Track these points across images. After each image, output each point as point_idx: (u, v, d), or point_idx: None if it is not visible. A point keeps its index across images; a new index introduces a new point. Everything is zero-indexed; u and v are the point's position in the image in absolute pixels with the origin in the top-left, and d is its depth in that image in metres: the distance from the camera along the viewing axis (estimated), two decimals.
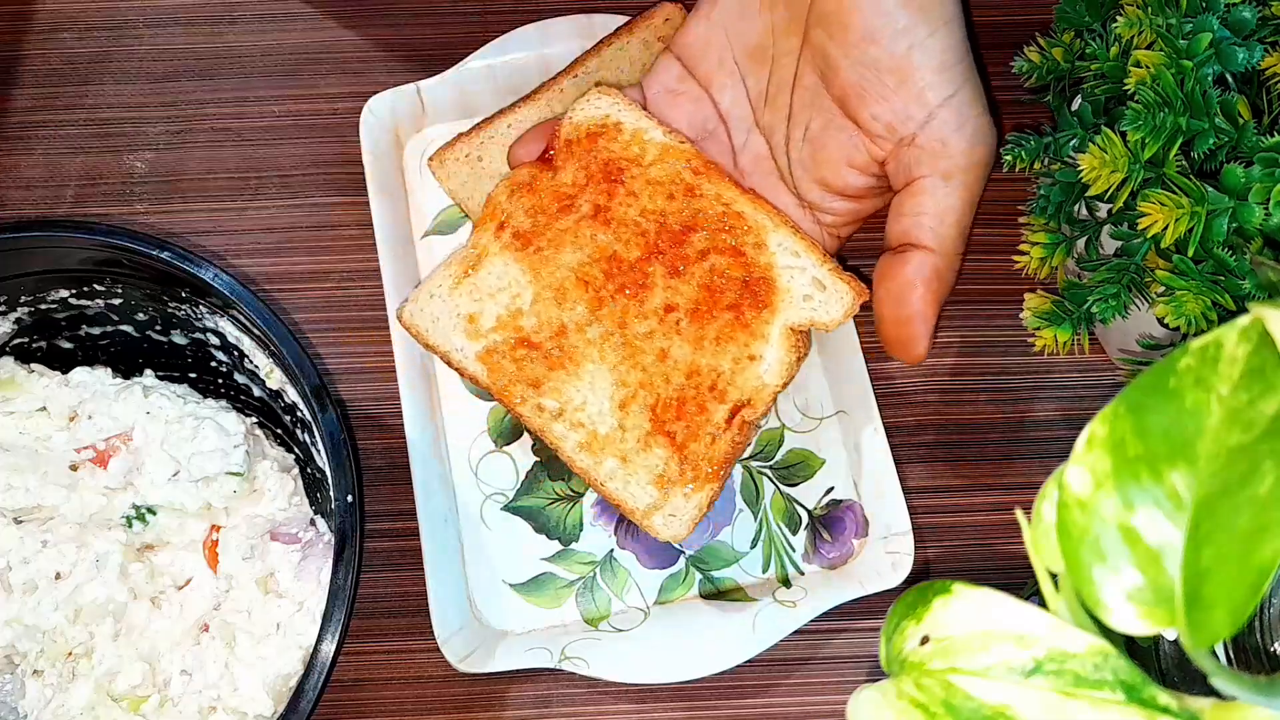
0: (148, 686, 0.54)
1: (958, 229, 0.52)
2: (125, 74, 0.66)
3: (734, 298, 0.54)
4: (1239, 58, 0.44)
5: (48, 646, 0.54)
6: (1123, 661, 0.33)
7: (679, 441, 0.53)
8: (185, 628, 0.54)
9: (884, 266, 0.52)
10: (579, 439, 0.54)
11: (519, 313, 0.55)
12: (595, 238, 0.55)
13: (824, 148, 0.53)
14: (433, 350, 0.55)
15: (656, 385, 0.53)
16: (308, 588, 0.55)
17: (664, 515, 0.53)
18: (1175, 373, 0.34)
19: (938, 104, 0.50)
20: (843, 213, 0.55)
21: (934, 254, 0.51)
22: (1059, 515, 0.35)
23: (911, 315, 0.51)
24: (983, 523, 0.59)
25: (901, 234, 0.52)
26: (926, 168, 0.51)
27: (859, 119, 0.52)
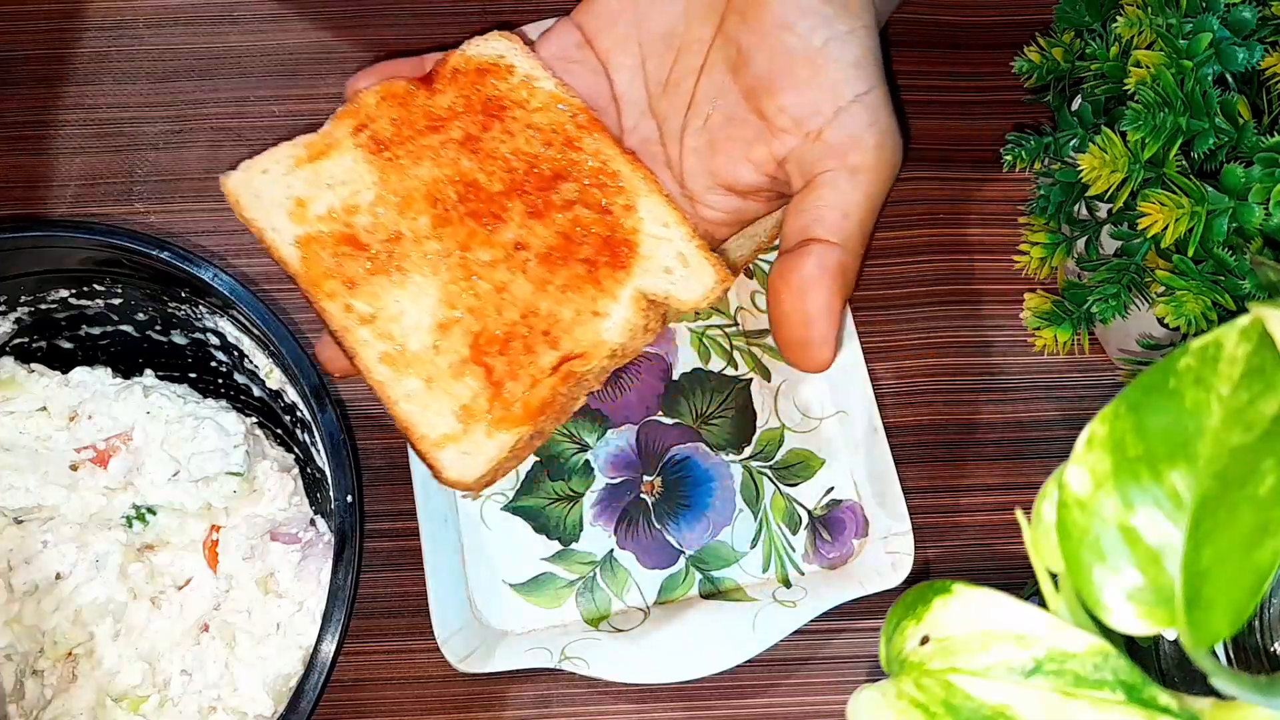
0: (147, 686, 0.54)
1: (861, 226, 0.49)
2: (125, 74, 0.66)
3: (591, 253, 0.51)
4: (1239, 58, 0.44)
5: (48, 647, 0.53)
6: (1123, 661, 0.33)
7: (496, 377, 0.49)
8: (185, 628, 0.54)
9: (781, 264, 0.49)
10: (383, 349, 0.50)
11: (355, 209, 0.51)
12: (459, 161, 0.52)
13: (723, 139, 0.51)
14: (247, 224, 0.52)
15: (487, 315, 0.50)
16: (308, 587, 0.55)
17: (459, 450, 0.49)
18: (1175, 373, 0.34)
19: (850, 99, 0.48)
20: (727, 210, 0.52)
21: (838, 248, 0.48)
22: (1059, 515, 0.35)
23: (815, 314, 0.48)
24: (983, 523, 0.59)
25: (801, 230, 0.49)
26: (832, 162, 0.49)
27: (765, 111, 0.49)
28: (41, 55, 0.67)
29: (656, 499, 0.59)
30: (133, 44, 0.67)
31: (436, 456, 0.48)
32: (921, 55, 0.66)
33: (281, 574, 0.55)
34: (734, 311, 0.62)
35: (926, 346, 0.62)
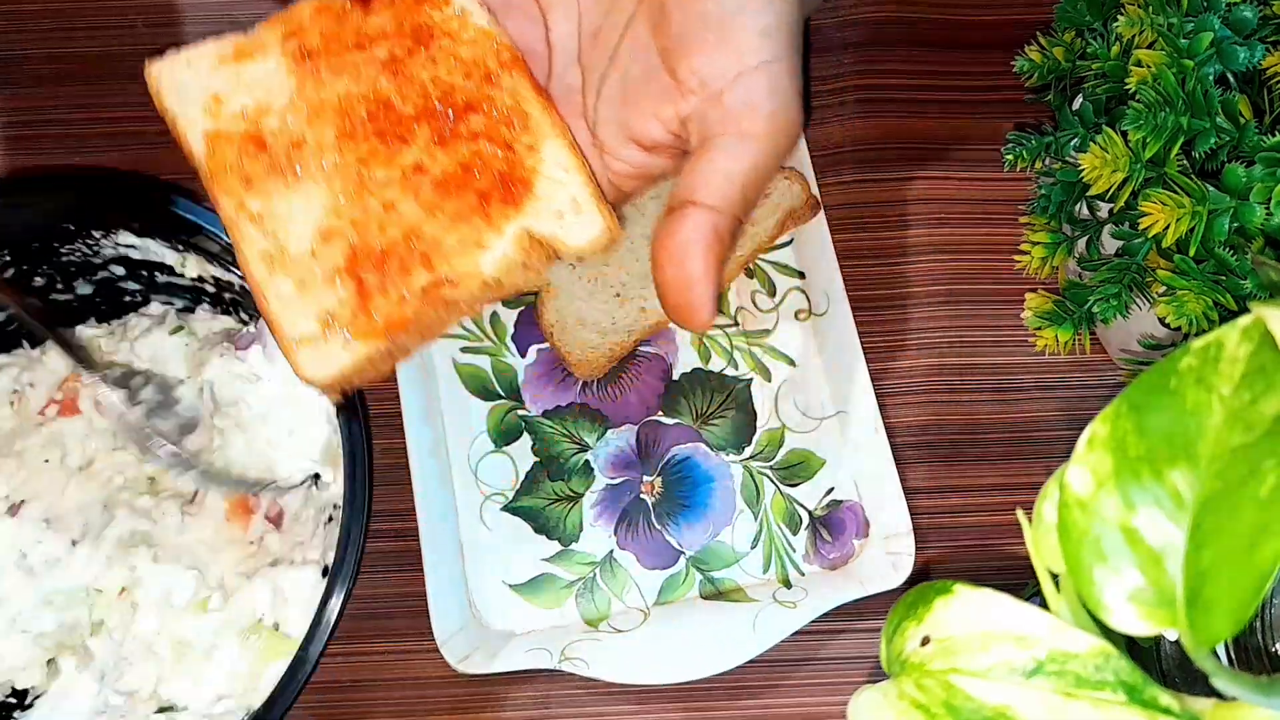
0: (204, 589, 0.56)
1: (742, 191, 0.50)
2: (125, 74, 0.66)
3: (486, 186, 0.52)
4: (1240, 57, 0.44)
5: (96, 600, 0.55)
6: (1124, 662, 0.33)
7: (366, 289, 0.50)
8: (217, 523, 0.57)
9: (661, 228, 0.50)
10: (265, 247, 0.51)
11: (266, 111, 0.52)
12: (377, 81, 0.53)
13: (636, 93, 0.52)
14: (164, 112, 0.53)
15: (370, 230, 0.51)
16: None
17: (314, 351, 0.50)
18: (1176, 373, 0.34)
19: (754, 65, 0.49)
20: (633, 164, 0.53)
21: (714, 212, 0.49)
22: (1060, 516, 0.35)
23: (692, 278, 0.49)
24: (984, 523, 0.59)
25: (687, 190, 0.50)
26: (727, 126, 0.49)
27: (677, 71, 0.50)
28: (42, 55, 0.67)
29: (657, 499, 0.59)
30: (133, 44, 0.67)
31: (294, 354, 0.50)
32: (922, 55, 0.66)
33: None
34: (734, 312, 0.62)
35: (927, 346, 0.62)
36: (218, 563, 0.57)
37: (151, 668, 0.55)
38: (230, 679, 0.55)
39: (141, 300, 0.61)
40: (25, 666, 0.55)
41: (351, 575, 0.51)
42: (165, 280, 0.60)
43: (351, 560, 0.51)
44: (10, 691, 0.55)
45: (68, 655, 0.55)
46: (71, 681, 0.55)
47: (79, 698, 0.55)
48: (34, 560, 0.56)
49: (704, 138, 0.50)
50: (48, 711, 0.55)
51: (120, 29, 0.67)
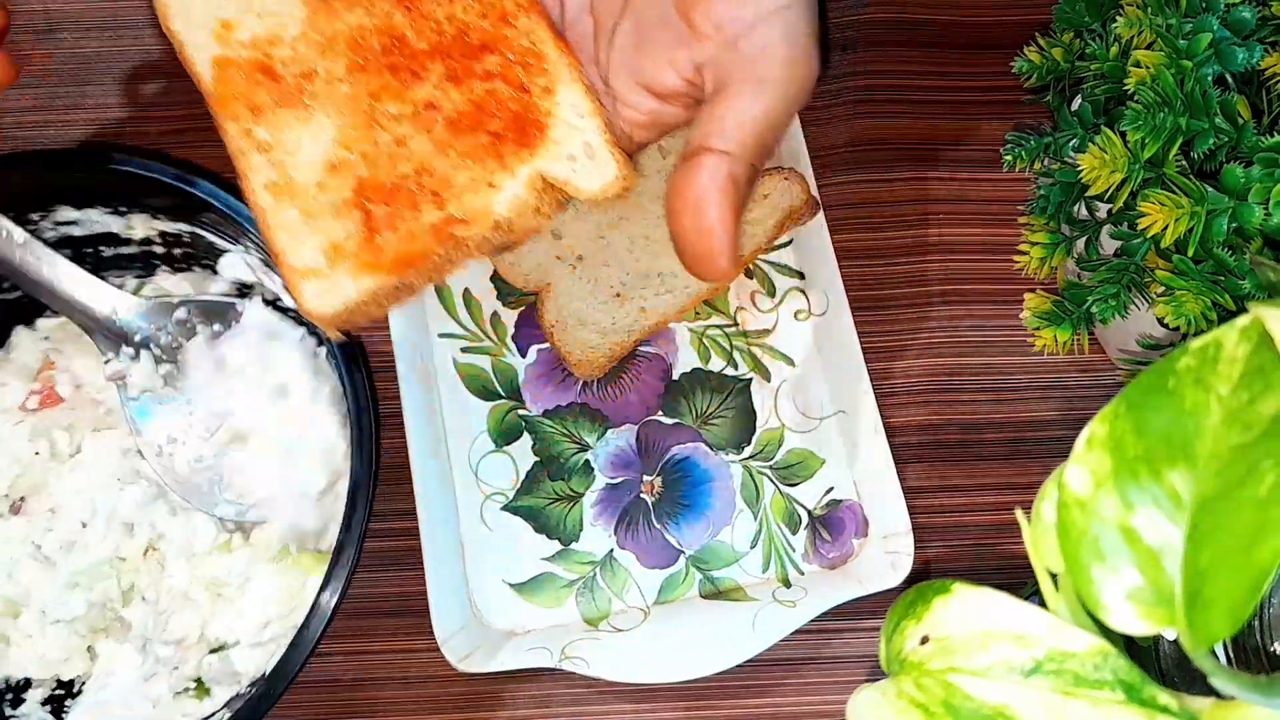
0: (223, 534, 0.57)
1: (757, 137, 0.49)
2: (125, 74, 0.66)
3: (499, 127, 0.51)
4: (1239, 58, 0.44)
5: (122, 569, 0.56)
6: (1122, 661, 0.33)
7: (373, 223, 0.50)
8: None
9: (676, 176, 0.49)
10: (271, 177, 0.50)
11: (277, 40, 0.51)
12: (391, 15, 0.51)
13: (649, 40, 0.51)
14: (170, 35, 0.52)
15: (380, 164, 0.50)
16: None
17: (319, 284, 0.50)
18: (1175, 373, 0.34)
19: (770, 10, 0.48)
20: (646, 112, 0.52)
21: (730, 158, 0.48)
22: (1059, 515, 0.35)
23: (710, 226, 0.48)
24: (983, 523, 0.59)
25: (701, 137, 0.49)
26: (741, 72, 0.49)
27: (692, 17, 0.49)
28: (42, 55, 0.67)
29: (656, 499, 0.59)
30: (133, 44, 0.67)
31: (299, 286, 0.49)
32: (921, 55, 0.66)
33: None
34: (734, 312, 0.62)
35: (927, 346, 0.62)
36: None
37: (192, 614, 0.56)
38: (274, 604, 0.56)
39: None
40: (67, 658, 0.56)
41: (371, 462, 0.52)
42: (113, 253, 0.60)
43: (368, 456, 0.52)
44: (57, 684, 0.56)
45: (103, 638, 0.56)
46: (113, 658, 0.56)
47: (125, 671, 0.55)
48: (49, 549, 0.56)
49: (719, 84, 0.49)
50: (97, 692, 0.55)
51: (120, 29, 0.67)
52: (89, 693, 0.55)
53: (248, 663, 0.55)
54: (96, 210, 0.57)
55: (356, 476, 0.52)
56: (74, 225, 0.57)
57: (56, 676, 0.56)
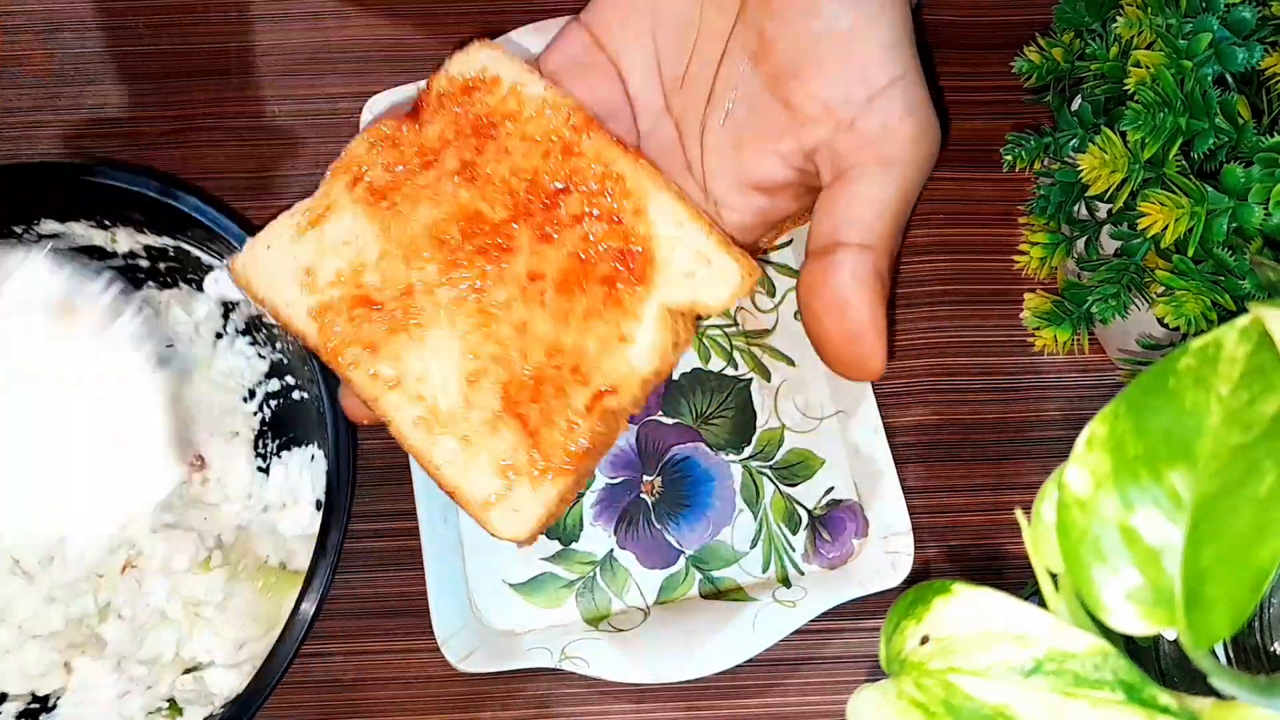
0: (203, 550, 0.56)
1: (895, 224, 0.45)
2: (125, 74, 0.66)
3: (608, 270, 0.48)
4: (1239, 58, 0.44)
5: (100, 585, 0.56)
6: (1122, 661, 0.33)
7: (531, 427, 0.47)
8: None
9: (812, 276, 0.45)
10: (416, 413, 0.48)
11: (362, 268, 0.49)
12: (457, 194, 0.49)
13: (748, 134, 0.47)
14: (262, 304, 0.50)
15: (512, 361, 0.48)
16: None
17: (505, 510, 0.48)
18: (1175, 373, 0.34)
19: (884, 84, 0.45)
20: (754, 212, 0.49)
21: (869, 250, 0.45)
22: (1059, 515, 0.35)
23: (861, 328, 0.45)
24: (983, 523, 0.59)
25: (831, 232, 0.45)
26: (864, 155, 0.45)
27: (792, 100, 0.46)
28: (41, 55, 0.67)
29: (656, 499, 0.59)
30: (133, 44, 0.67)
31: (486, 518, 0.48)
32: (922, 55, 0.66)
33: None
34: (734, 312, 0.62)
35: (926, 346, 0.62)
36: (210, 520, 0.57)
37: (169, 632, 0.55)
38: (250, 623, 0.55)
39: None
40: (44, 673, 0.55)
41: (349, 482, 0.51)
42: (97, 267, 0.59)
43: (346, 471, 0.51)
44: (32, 698, 0.56)
45: (78, 655, 0.55)
46: (89, 675, 0.55)
47: (99, 688, 0.55)
48: (29, 563, 0.56)
49: (839, 169, 0.45)
50: (72, 708, 0.55)
51: (120, 29, 0.67)
52: (63, 709, 0.55)
53: (222, 684, 0.54)
54: (80, 224, 0.56)
55: (332, 498, 0.51)
56: (57, 238, 0.57)
57: (32, 692, 0.56)
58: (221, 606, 0.55)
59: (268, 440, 0.60)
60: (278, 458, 0.59)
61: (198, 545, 0.56)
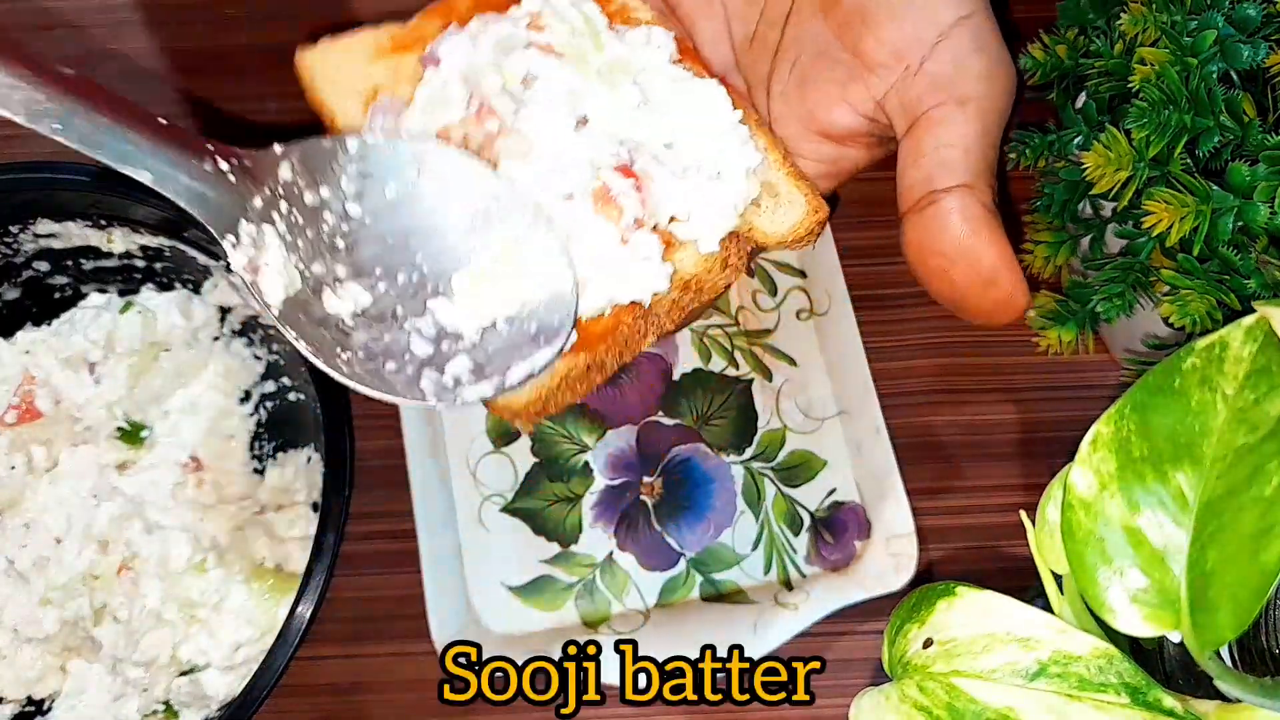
0: (199, 551, 0.56)
1: (984, 159, 0.44)
2: (125, 74, 0.66)
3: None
4: (1244, 55, 0.43)
5: (95, 587, 0.55)
6: (1127, 664, 0.33)
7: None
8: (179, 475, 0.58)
9: (920, 233, 0.44)
10: None
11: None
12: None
13: (815, 81, 0.46)
14: (318, 105, 0.49)
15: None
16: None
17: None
18: (1181, 373, 0.34)
19: (951, 24, 0.44)
20: (824, 160, 0.48)
21: (973, 189, 0.43)
22: (1063, 517, 0.35)
23: (994, 269, 0.43)
24: (987, 524, 0.59)
25: (926, 180, 0.44)
26: (939, 95, 0.44)
27: (861, 47, 0.45)
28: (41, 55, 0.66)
29: (657, 500, 0.59)
30: (133, 44, 0.67)
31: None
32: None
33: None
34: (735, 311, 0.61)
35: (930, 346, 0.61)
36: (206, 522, 0.57)
37: (165, 634, 0.55)
38: (246, 626, 0.55)
39: (72, 294, 0.60)
40: (40, 677, 0.55)
41: (345, 484, 0.51)
42: (93, 266, 0.59)
43: (343, 474, 0.51)
44: (27, 701, 0.55)
45: (74, 658, 0.55)
46: (84, 677, 0.55)
47: (94, 691, 0.55)
48: (23, 565, 0.56)
49: (913, 115, 0.45)
50: (66, 711, 0.55)
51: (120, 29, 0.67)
52: (57, 712, 0.55)
53: (218, 686, 0.54)
54: (76, 224, 0.56)
55: (328, 500, 0.51)
56: (53, 238, 0.57)
57: (28, 696, 0.55)
58: (217, 609, 0.55)
59: (264, 442, 0.60)
60: (274, 459, 0.59)
61: (193, 547, 0.56)
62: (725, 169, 0.45)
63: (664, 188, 0.45)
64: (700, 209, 0.45)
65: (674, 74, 0.47)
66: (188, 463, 0.58)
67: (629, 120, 0.46)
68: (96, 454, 0.58)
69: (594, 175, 0.44)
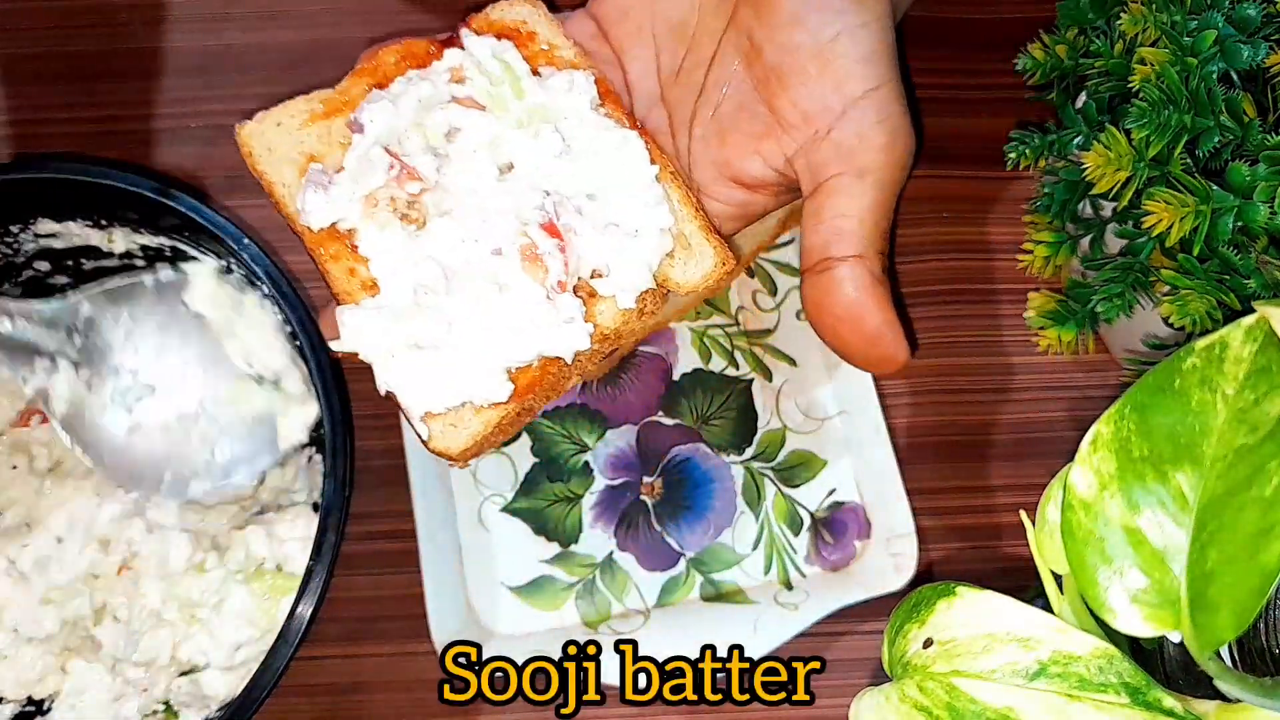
0: (199, 550, 0.56)
1: (877, 228, 0.48)
2: (125, 73, 0.66)
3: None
4: (1244, 55, 0.43)
5: (95, 587, 0.55)
6: (1127, 664, 0.33)
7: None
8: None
9: (816, 293, 0.48)
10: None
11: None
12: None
13: (732, 129, 0.50)
14: (259, 176, 0.50)
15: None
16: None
17: (445, 422, 0.48)
18: (1180, 373, 0.34)
19: (858, 95, 0.47)
20: (733, 204, 0.51)
21: (861, 260, 0.47)
22: (1063, 517, 0.35)
23: (878, 330, 0.47)
24: (987, 524, 0.59)
25: (822, 247, 0.48)
26: (841, 165, 0.47)
27: (776, 104, 0.48)
28: (42, 55, 0.67)
29: (657, 500, 0.59)
30: (133, 43, 0.67)
31: (424, 425, 0.47)
32: (924, 53, 0.65)
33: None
34: (735, 311, 0.61)
35: (930, 346, 0.61)
36: (206, 522, 0.57)
37: (165, 634, 0.55)
38: (246, 626, 0.55)
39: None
40: (40, 678, 0.55)
41: (346, 484, 0.51)
42: (93, 266, 0.59)
43: (343, 474, 0.51)
44: (27, 701, 0.55)
45: (74, 658, 0.55)
46: (84, 678, 0.55)
47: (94, 691, 0.55)
48: (24, 565, 0.56)
49: (816, 180, 0.48)
50: (66, 711, 0.55)
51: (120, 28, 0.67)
52: (57, 712, 0.55)
53: (218, 686, 0.54)
54: (76, 223, 0.56)
55: (329, 501, 0.51)
56: (54, 238, 0.57)
57: (28, 696, 0.55)
58: (217, 609, 0.55)
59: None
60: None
61: (194, 547, 0.56)
62: (642, 227, 0.47)
63: (586, 242, 0.47)
64: (619, 266, 0.47)
65: (595, 121, 0.48)
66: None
67: (551, 170, 0.48)
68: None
69: (520, 230, 0.47)
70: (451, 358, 0.47)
